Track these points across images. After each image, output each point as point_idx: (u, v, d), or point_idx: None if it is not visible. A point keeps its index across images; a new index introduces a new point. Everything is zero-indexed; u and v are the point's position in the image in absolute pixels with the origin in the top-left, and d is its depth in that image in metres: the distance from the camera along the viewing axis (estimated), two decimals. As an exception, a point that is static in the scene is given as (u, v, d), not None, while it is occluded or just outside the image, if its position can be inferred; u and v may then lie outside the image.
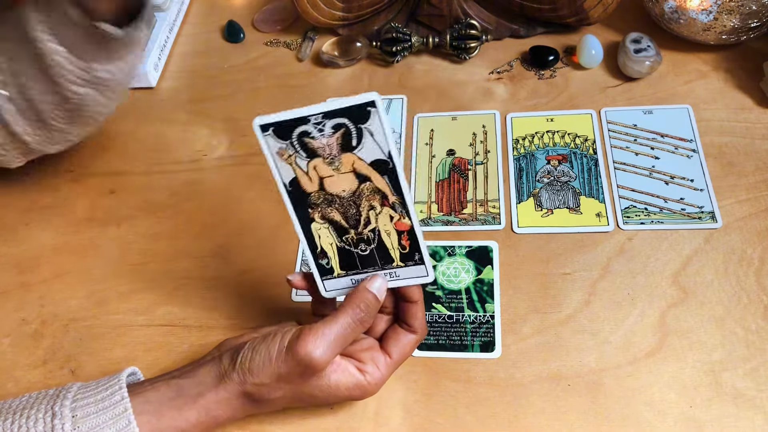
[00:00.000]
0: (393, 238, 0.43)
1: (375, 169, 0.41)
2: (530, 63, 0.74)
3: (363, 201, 0.42)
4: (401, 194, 0.41)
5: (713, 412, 0.48)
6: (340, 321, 0.43)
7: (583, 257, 0.58)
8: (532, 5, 0.72)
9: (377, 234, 0.43)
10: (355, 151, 0.40)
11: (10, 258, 0.64)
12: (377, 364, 0.46)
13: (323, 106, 0.39)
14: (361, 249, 0.43)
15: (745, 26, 0.67)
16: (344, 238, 0.43)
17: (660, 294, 0.55)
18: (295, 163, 0.41)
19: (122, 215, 0.66)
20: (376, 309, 0.45)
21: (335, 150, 0.40)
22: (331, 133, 0.40)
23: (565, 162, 0.64)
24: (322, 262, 0.44)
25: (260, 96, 0.76)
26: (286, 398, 0.45)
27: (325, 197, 0.42)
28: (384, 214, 0.42)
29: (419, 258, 0.43)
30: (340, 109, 0.39)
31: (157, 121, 0.75)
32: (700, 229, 0.58)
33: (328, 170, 0.41)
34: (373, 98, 0.38)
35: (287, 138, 0.40)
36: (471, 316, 0.55)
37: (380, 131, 0.39)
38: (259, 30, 0.83)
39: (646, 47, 0.69)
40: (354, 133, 0.39)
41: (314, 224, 0.43)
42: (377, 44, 0.75)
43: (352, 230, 0.43)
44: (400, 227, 0.42)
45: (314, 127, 0.40)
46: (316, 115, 0.39)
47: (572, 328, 0.54)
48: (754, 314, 0.53)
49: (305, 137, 0.40)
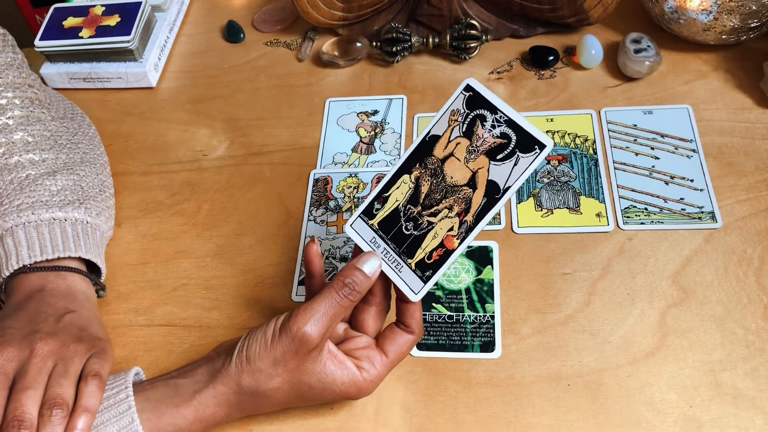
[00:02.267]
0: (434, 243, 0.44)
1: (486, 186, 0.42)
2: (530, 63, 0.74)
3: (451, 198, 0.43)
4: (478, 221, 0.43)
5: (713, 412, 0.48)
6: (328, 296, 0.44)
7: (583, 257, 0.58)
8: (532, 5, 0.72)
9: (428, 229, 0.44)
10: (492, 163, 0.42)
11: (10, 258, 0.64)
12: (373, 362, 0.46)
13: (514, 113, 0.42)
14: (406, 227, 0.45)
15: (745, 26, 0.67)
16: (407, 207, 0.45)
17: (660, 294, 0.55)
18: (452, 127, 0.44)
19: (122, 215, 0.66)
20: (364, 287, 0.45)
21: (483, 148, 0.43)
22: (496, 134, 0.42)
23: (565, 162, 0.64)
24: (376, 204, 0.46)
25: (260, 96, 0.76)
26: (283, 390, 0.45)
27: (436, 168, 0.44)
28: (450, 221, 0.43)
29: (428, 277, 0.44)
30: (522, 128, 0.42)
31: (157, 121, 0.75)
32: (700, 229, 0.58)
33: (462, 154, 0.43)
34: (548, 145, 0.41)
35: (470, 109, 0.44)
36: (471, 316, 0.55)
37: (523, 168, 0.41)
38: (259, 30, 0.83)
39: (646, 47, 0.69)
40: (508, 151, 0.42)
41: (406, 176, 0.45)
42: (377, 44, 0.75)
43: (419, 207, 0.44)
44: (448, 243, 0.43)
45: (492, 120, 0.42)
46: (502, 114, 0.42)
47: (572, 328, 0.54)
48: (754, 314, 0.53)
49: (479, 119, 0.43)
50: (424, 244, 0.44)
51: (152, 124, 0.75)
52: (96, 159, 0.63)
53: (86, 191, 0.59)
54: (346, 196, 0.65)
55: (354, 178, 0.66)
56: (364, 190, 0.65)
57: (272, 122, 0.72)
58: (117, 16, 0.77)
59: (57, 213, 0.56)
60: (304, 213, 0.64)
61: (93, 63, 0.77)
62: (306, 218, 0.63)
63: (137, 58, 0.76)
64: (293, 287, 0.59)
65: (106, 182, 0.63)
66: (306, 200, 0.65)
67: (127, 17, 0.77)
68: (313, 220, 0.63)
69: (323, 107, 0.73)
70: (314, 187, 0.66)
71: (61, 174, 0.58)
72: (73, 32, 0.76)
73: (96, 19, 0.77)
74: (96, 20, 0.77)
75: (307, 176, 0.67)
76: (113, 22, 0.77)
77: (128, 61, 0.77)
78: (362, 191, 0.65)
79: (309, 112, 0.73)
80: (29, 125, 0.60)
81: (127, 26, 0.76)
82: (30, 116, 0.61)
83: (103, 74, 0.77)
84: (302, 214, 0.64)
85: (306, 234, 0.62)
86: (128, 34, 0.75)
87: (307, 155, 0.69)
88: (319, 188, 0.66)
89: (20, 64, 0.64)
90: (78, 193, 0.58)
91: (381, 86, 0.74)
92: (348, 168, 0.67)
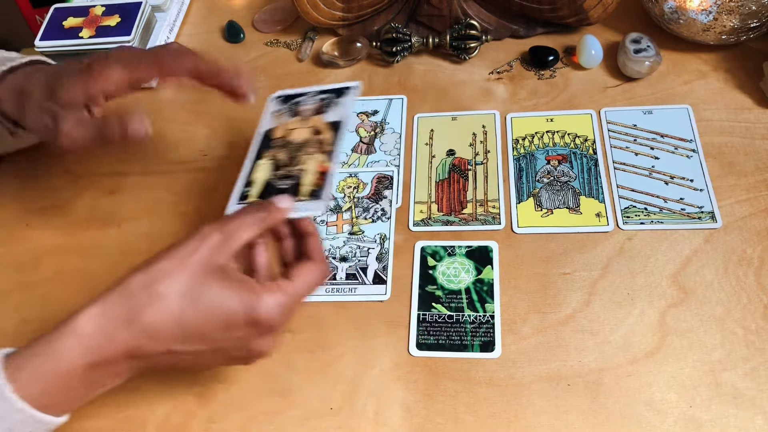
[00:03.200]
0: (311, 177, 0.51)
1: (330, 127, 0.53)
2: (530, 63, 0.74)
3: (307, 146, 0.52)
4: (336, 146, 0.52)
5: (713, 412, 0.48)
6: (242, 212, 0.47)
7: (583, 257, 0.58)
8: (532, 5, 0.72)
9: (301, 173, 0.51)
10: (322, 116, 0.54)
11: (10, 258, 0.64)
12: (277, 283, 0.46)
13: (318, 87, 0.57)
14: (282, 185, 0.51)
15: (744, 26, 0.67)
16: (276, 173, 0.52)
17: (660, 294, 0.55)
18: (280, 118, 0.56)
19: (122, 215, 0.66)
20: (275, 213, 0.47)
21: (311, 113, 0.55)
22: (317, 100, 0.55)
23: (565, 162, 0.64)
24: (246, 189, 0.52)
25: (260, 96, 0.75)
26: (177, 292, 0.43)
27: (283, 142, 0.54)
28: (315, 158, 0.51)
29: (322, 195, 0.49)
30: (331, 88, 0.56)
31: (157, 121, 0.75)
32: (700, 229, 0.58)
33: (298, 124, 0.54)
34: (357, 84, 0.56)
35: (286, 102, 0.57)
36: (471, 316, 0.55)
37: (348, 104, 0.54)
38: (259, 30, 0.83)
39: (645, 47, 0.69)
40: (331, 103, 0.55)
41: (260, 160, 0.53)
42: (377, 44, 0.75)
43: (284, 168, 0.52)
44: (322, 169, 0.51)
45: (306, 96, 0.56)
46: (313, 91, 0.57)
47: (572, 328, 0.54)
48: (753, 314, 0.53)
49: (298, 104, 0.56)
50: (303, 182, 0.50)
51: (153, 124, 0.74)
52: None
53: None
54: (346, 196, 0.65)
55: (354, 178, 0.66)
56: (364, 190, 0.65)
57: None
58: (117, 16, 0.77)
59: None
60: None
61: (93, 63, 0.77)
62: (306, 218, 0.64)
63: (137, 59, 0.76)
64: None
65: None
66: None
67: (127, 17, 0.77)
68: (313, 219, 0.63)
69: (323, 107, 0.73)
70: (314, 187, 0.66)
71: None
72: (73, 32, 0.76)
73: (96, 20, 0.77)
74: (96, 20, 0.77)
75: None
76: (113, 22, 0.77)
77: (128, 61, 0.77)
78: (362, 191, 0.65)
79: (309, 112, 0.73)
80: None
81: (127, 26, 0.76)
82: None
83: (103, 74, 0.77)
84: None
85: (306, 234, 0.62)
86: (128, 34, 0.75)
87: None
88: (319, 188, 0.66)
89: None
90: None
91: (381, 86, 0.75)
92: (348, 168, 0.67)
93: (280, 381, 0.54)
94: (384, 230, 0.62)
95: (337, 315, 0.57)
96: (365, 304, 0.57)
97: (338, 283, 0.59)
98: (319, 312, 0.57)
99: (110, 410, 0.53)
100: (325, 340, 0.55)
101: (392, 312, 0.56)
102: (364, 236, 0.61)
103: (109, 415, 0.53)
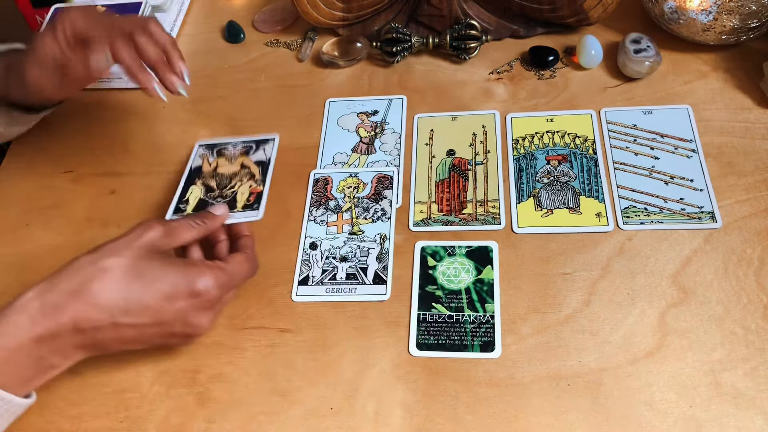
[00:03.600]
0: (244, 197, 0.59)
1: (256, 165, 0.62)
2: (530, 63, 0.74)
3: (237, 177, 0.61)
4: (264, 178, 0.60)
5: (713, 412, 0.48)
6: (184, 220, 0.53)
7: (583, 257, 0.58)
8: (532, 5, 0.72)
9: (234, 194, 0.59)
10: (249, 155, 0.63)
11: (11, 258, 0.64)
12: (212, 261, 0.51)
13: (241, 138, 0.65)
14: (216, 201, 0.59)
15: (744, 26, 0.67)
16: (209, 195, 0.60)
17: (660, 294, 0.55)
18: (206, 158, 0.64)
19: (122, 215, 0.66)
20: (214, 219, 0.54)
21: (236, 155, 0.63)
22: (240, 149, 0.64)
23: (565, 162, 0.64)
24: (181, 205, 0.59)
25: (260, 96, 0.76)
26: (121, 266, 0.47)
27: (213, 174, 0.62)
28: (247, 184, 0.60)
29: (257, 207, 0.58)
30: (251, 140, 0.64)
31: (157, 121, 0.75)
32: (700, 229, 0.58)
33: (225, 163, 0.63)
34: (274, 137, 0.64)
35: (211, 149, 0.65)
36: (471, 316, 0.55)
37: (270, 150, 0.63)
38: (259, 30, 0.83)
39: (645, 47, 0.69)
40: (254, 148, 0.63)
41: (193, 186, 0.61)
42: (377, 44, 0.75)
43: (218, 190, 0.60)
44: (255, 191, 0.59)
45: (230, 146, 0.64)
46: (236, 142, 0.64)
47: (572, 328, 0.54)
48: (753, 314, 0.53)
49: (222, 149, 0.64)
50: (239, 199, 0.58)
51: (153, 124, 0.75)
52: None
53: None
54: (346, 196, 0.65)
55: (354, 178, 0.66)
56: (364, 190, 0.65)
57: (272, 122, 0.72)
58: (117, 16, 0.77)
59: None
60: (304, 213, 0.64)
61: (93, 63, 0.77)
62: (306, 218, 0.63)
63: (137, 59, 0.76)
64: (293, 287, 0.59)
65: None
66: (306, 200, 0.65)
67: (127, 17, 0.77)
68: (313, 220, 0.63)
69: (323, 107, 0.73)
70: (314, 187, 0.66)
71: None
72: (73, 32, 0.76)
73: (96, 20, 0.77)
74: (96, 20, 0.77)
75: (307, 176, 0.67)
76: (113, 22, 0.77)
77: (128, 61, 0.77)
78: (362, 191, 0.65)
79: (309, 112, 0.73)
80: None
81: (127, 26, 0.76)
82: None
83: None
84: (302, 214, 0.64)
85: (306, 234, 0.62)
86: (128, 34, 0.75)
87: (307, 155, 0.69)
88: (319, 188, 0.66)
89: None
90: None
91: (381, 86, 0.75)
92: (348, 168, 0.67)
93: (280, 381, 0.54)
94: (384, 230, 0.62)
95: (337, 315, 0.57)
96: (365, 304, 0.57)
97: (338, 283, 0.59)
98: (319, 312, 0.57)
99: (110, 410, 0.53)
100: (325, 340, 0.56)
101: (392, 312, 0.56)
102: (364, 236, 0.61)
103: (109, 415, 0.53)
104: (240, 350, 0.56)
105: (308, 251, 0.61)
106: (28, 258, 0.64)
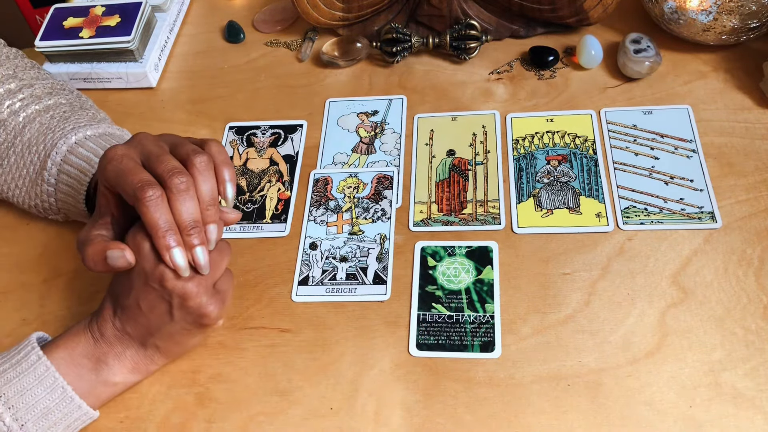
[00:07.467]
0: (272, 203, 0.62)
1: (284, 160, 0.64)
2: (530, 63, 0.74)
3: (266, 176, 0.63)
4: (293, 177, 0.63)
5: (713, 412, 0.48)
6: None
7: (583, 257, 0.58)
8: (532, 5, 0.72)
9: (264, 198, 0.62)
10: (277, 148, 0.65)
11: (11, 258, 0.64)
12: None
13: (270, 122, 0.68)
14: (247, 207, 0.62)
15: (744, 26, 0.67)
16: (240, 198, 0.62)
17: (660, 294, 0.55)
18: (235, 148, 0.66)
19: (122, 215, 0.66)
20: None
21: (266, 145, 0.66)
22: (269, 135, 0.66)
23: (565, 162, 0.64)
24: None
25: (260, 96, 0.76)
26: (137, 292, 0.48)
27: (242, 171, 0.64)
28: (275, 186, 0.62)
29: (284, 219, 0.61)
30: (280, 125, 0.67)
31: (157, 121, 0.75)
32: (700, 230, 0.58)
33: (254, 154, 0.65)
34: (303, 123, 0.67)
35: (241, 134, 0.67)
36: (471, 316, 0.55)
37: (298, 140, 0.65)
38: (259, 30, 0.83)
39: (645, 47, 0.69)
40: (282, 137, 0.66)
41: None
42: (377, 44, 0.75)
43: (248, 193, 0.62)
44: (283, 197, 0.62)
45: (260, 131, 0.67)
46: (264, 126, 0.68)
47: (572, 328, 0.54)
48: (753, 314, 0.53)
49: (252, 136, 0.66)
50: (267, 207, 0.62)
51: (153, 124, 0.75)
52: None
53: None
54: (346, 196, 0.65)
55: (354, 179, 0.66)
56: (364, 190, 0.65)
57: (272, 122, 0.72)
58: (117, 16, 0.77)
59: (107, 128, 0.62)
60: (304, 213, 0.64)
61: (93, 63, 0.77)
62: (306, 218, 0.64)
63: (137, 59, 0.76)
64: (293, 287, 0.59)
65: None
66: (306, 200, 0.65)
67: (127, 17, 0.77)
68: (313, 220, 0.63)
69: (323, 107, 0.73)
70: (314, 187, 0.66)
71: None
72: (73, 32, 0.76)
73: (96, 20, 0.77)
74: (96, 20, 0.77)
75: (307, 176, 0.67)
76: (113, 22, 0.77)
77: (128, 61, 0.77)
78: (362, 191, 0.65)
79: (309, 112, 0.73)
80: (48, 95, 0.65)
81: (128, 26, 0.76)
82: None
83: (104, 74, 0.77)
84: (302, 214, 0.64)
85: (306, 234, 0.62)
86: (128, 34, 0.75)
87: (307, 155, 0.69)
88: (319, 188, 0.66)
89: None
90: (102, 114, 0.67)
91: (381, 86, 0.75)
92: (348, 168, 0.67)
93: (280, 381, 0.54)
94: (384, 230, 0.62)
95: (337, 315, 0.57)
96: (365, 304, 0.57)
97: (338, 283, 0.59)
98: (319, 312, 0.57)
99: (110, 410, 0.53)
100: (325, 340, 0.56)
101: (392, 312, 0.57)
102: (364, 236, 0.61)
103: (109, 415, 0.53)
104: (240, 350, 0.56)
105: (308, 251, 0.61)
106: (28, 258, 0.64)
